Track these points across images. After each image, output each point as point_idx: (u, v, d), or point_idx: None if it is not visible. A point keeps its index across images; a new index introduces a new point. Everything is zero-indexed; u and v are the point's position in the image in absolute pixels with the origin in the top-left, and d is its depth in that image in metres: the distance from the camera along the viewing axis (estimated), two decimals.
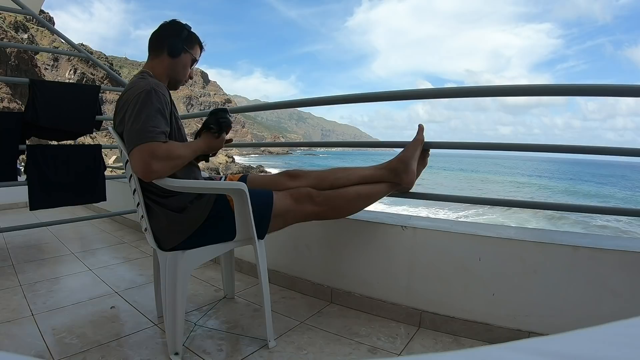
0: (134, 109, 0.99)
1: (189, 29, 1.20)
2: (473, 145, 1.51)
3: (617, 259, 1.05)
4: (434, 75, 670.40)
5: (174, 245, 1.09)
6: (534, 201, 1.93)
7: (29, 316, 1.36)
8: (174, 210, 1.08)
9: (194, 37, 1.22)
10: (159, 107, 1.01)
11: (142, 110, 0.99)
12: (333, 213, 1.27)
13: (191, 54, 1.21)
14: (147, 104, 0.99)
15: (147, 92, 1.01)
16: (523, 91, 1.33)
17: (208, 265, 1.98)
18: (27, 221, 2.03)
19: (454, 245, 1.28)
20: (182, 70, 1.21)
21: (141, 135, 0.96)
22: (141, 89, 1.01)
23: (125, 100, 1.05)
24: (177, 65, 1.19)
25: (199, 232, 1.09)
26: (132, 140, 0.97)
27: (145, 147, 0.95)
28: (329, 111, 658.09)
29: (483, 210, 16.78)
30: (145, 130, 0.96)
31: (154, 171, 0.97)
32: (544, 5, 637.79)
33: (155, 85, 1.04)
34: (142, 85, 1.03)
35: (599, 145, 1.21)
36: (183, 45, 1.18)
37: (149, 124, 0.97)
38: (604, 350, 0.22)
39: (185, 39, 1.19)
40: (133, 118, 0.98)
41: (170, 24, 1.19)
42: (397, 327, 1.32)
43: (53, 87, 2.01)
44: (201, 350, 1.14)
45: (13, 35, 39.75)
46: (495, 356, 0.22)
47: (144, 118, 0.98)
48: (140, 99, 1.00)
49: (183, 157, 1.06)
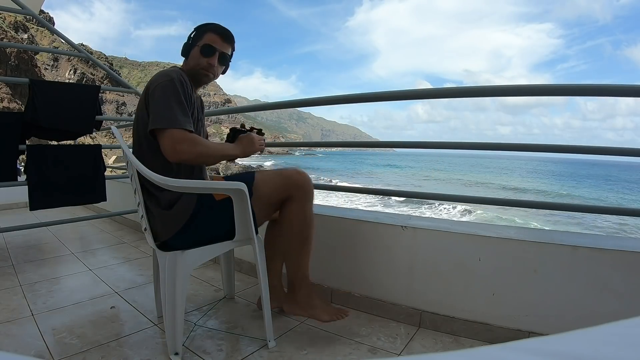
0: (163, 96, 1.07)
1: (201, 26, 1.24)
2: (473, 145, 1.51)
3: (617, 259, 1.05)
4: (434, 75, 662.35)
5: (168, 236, 1.12)
6: (534, 201, 1.93)
7: (29, 316, 1.36)
8: (165, 204, 1.12)
9: (202, 30, 1.23)
10: (183, 99, 1.09)
11: (170, 98, 1.07)
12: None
13: (198, 45, 1.21)
14: (175, 93, 1.08)
15: (172, 80, 1.09)
16: (523, 91, 1.33)
17: (208, 265, 1.98)
18: (27, 221, 2.03)
19: (454, 245, 1.28)
20: (193, 64, 1.22)
21: (171, 121, 1.05)
22: (167, 77, 1.10)
23: (154, 87, 1.10)
24: (190, 61, 1.23)
25: (190, 224, 1.11)
26: (161, 123, 1.05)
27: (174, 132, 1.05)
28: (329, 111, 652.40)
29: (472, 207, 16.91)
30: (174, 117, 1.05)
31: (181, 151, 1.05)
32: (544, 5, 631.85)
33: (180, 75, 1.12)
34: (170, 75, 1.11)
35: (598, 145, 1.21)
36: (191, 43, 1.23)
37: (177, 112, 1.06)
38: (604, 350, 0.22)
39: (194, 37, 1.23)
40: (162, 103, 1.06)
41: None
42: (397, 327, 1.32)
43: (53, 87, 2.01)
44: (201, 350, 1.14)
45: (13, 35, 39.75)
46: (495, 356, 0.22)
47: (174, 106, 1.06)
48: (167, 87, 1.08)
49: (209, 148, 1.12)
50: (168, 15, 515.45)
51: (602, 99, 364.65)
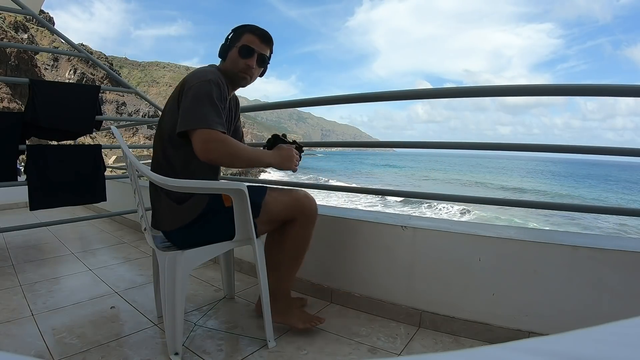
0: (197, 97, 1.07)
1: (239, 27, 1.23)
2: (473, 145, 1.51)
3: (617, 259, 1.05)
4: (435, 75, 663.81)
5: (172, 228, 1.13)
6: (534, 201, 1.93)
7: (29, 316, 1.36)
8: (175, 198, 1.13)
9: (240, 31, 1.22)
10: (217, 101, 1.09)
11: (204, 99, 1.06)
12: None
13: (237, 47, 1.20)
14: (209, 92, 1.07)
15: (209, 81, 1.09)
16: (523, 91, 1.33)
17: (208, 265, 1.98)
18: (27, 221, 2.03)
19: (454, 245, 1.28)
20: (230, 67, 1.21)
21: (203, 121, 1.04)
22: (205, 77, 1.09)
23: (189, 85, 1.10)
24: (228, 63, 1.22)
25: (196, 223, 1.12)
26: (193, 123, 1.05)
27: (205, 132, 1.04)
28: (329, 111, 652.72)
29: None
30: (205, 117, 1.05)
31: (211, 150, 1.04)
32: (544, 5, 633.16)
33: (218, 77, 1.12)
34: (207, 74, 1.11)
35: (598, 146, 1.21)
36: (228, 44, 1.22)
37: (209, 112, 1.06)
38: (604, 350, 0.22)
39: (231, 38, 1.22)
40: (195, 104, 1.06)
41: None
42: (397, 327, 1.32)
43: (53, 87, 2.01)
44: (201, 350, 1.14)
45: (13, 35, 39.74)
46: (495, 356, 0.22)
47: (207, 107, 1.06)
48: (202, 88, 1.07)
49: (240, 150, 1.10)
50: (168, 15, 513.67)
51: (602, 99, 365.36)
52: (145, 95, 2.66)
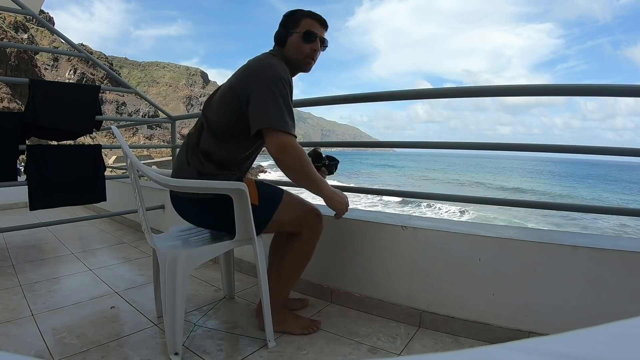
0: (271, 93, 1.05)
1: (293, 13, 1.21)
2: (473, 145, 1.51)
3: (617, 259, 1.05)
4: (435, 75, 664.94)
5: (185, 195, 1.14)
6: (534, 201, 1.93)
7: (29, 316, 1.36)
8: (203, 171, 1.13)
9: (298, 15, 1.20)
10: (289, 100, 1.09)
11: (278, 97, 1.06)
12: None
13: (298, 32, 1.18)
14: (283, 93, 1.07)
15: (280, 79, 1.07)
16: (523, 91, 1.34)
17: (208, 265, 1.98)
18: (27, 221, 2.03)
19: (454, 245, 1.28)
20: (294, 53, 1.20)
21: (284, 123, 1.06)
22: (276, 73, 1.08)
23: (260, 79, 1.08)
24: (287, 51, 1.20)
25: (211, 202, 1.13)
26: (273, 123, 1.05)
27: (286, 136, 1.06)
28: (329, 111, 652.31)
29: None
30: (284, 120, 1.06)
31: (289, 155, 1.06)
32: (544, 5, 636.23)
33: (286, 72, 1.11)
34: (277, 69, 1.09)
35: (598, 146, 1.21)
36: (287, 30, 1.19)
37: (286, 114, 1.06)
38: (604, 350, 0.22)
39: (288, 24, 1.19)
40: (271, 102, 1.05)
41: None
42: (397, 327, 1.32)
43: (53, 87, 2.01)
44: (201, 350, 1.14)
45: (13, 35, 39.74)
46: (495, 356, 0.22)
47: (283, 107, 1.06)
48: (275, 85, 1.06)
49: (309, 165, 1.11)
50: (168, 15, 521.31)
51: (602, 99, 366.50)
52: (145, 95, 2.66)
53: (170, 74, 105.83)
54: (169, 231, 1.34)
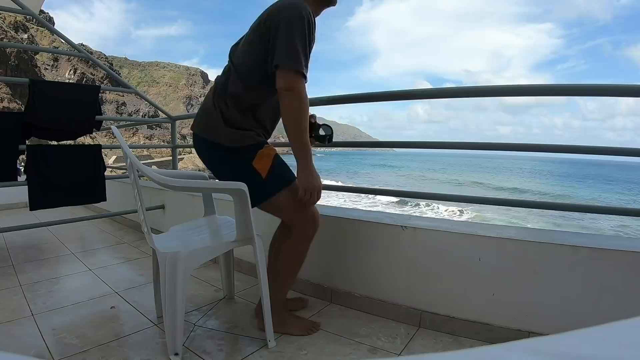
0: (291, 31, 1.06)
1: None
2: (473, 145, 1.51)
3: (617, 259, 1.05)
4: (434, 75, 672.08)
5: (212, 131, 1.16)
6: (534, 201, 1.94)
7: (29, 316, 1.36)
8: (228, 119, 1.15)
9: None
10: (308, 39, 1.09)
11: (296, 36, 1.06)
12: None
13: None
14: (303, 33, 1.07)
15: (302, 18, 1.07)
16: (523, 91, 1.34)
17: (208, 265, 1.98)
18: (27, 221, 2.03)
19: (454, 245, 1.28)
20: None
21: (297, 63, 1.06)
22: (297, 12, 1.07)
23: (281, 17, 1.07)
24: None
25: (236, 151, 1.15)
26: (286, 60, 1.05)
27: (296, 76, 1.07)
28: (329, 111, 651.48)
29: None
30: (298, 59, 1.06)
31: (292, 95, 1.07)
32: (544, 5, 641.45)
33: (309, 13, 1.10)
34: (299, 8, 1.08)
35: (598, 146, 1.21)
36: None
37: (301, 55, 1.06)
38: (604, 350, 0.22)
39: None
40: (289, 40, 1.05)
41: None
42: (397, 327, 1.32)
43: (53, 87, 2.01)
44: (201, 351, 1.14)
45: (13, 35, 39.73)
46: (495, 356, 0.22)
47: (300, 45, 1.06)
48: (296, 24, 1.06)
49: (305, 118, 1.11)
50: (168, 15, 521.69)
51: (602, 99, 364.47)
52: (145, 95, 2.66)
53: (170, 74, 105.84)
54: (168, 231, 1.34)
